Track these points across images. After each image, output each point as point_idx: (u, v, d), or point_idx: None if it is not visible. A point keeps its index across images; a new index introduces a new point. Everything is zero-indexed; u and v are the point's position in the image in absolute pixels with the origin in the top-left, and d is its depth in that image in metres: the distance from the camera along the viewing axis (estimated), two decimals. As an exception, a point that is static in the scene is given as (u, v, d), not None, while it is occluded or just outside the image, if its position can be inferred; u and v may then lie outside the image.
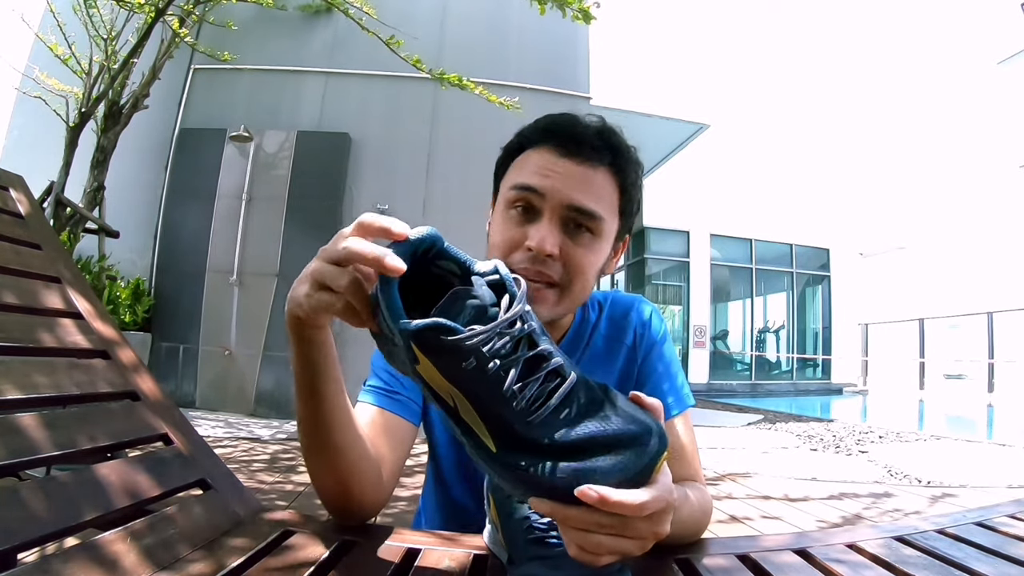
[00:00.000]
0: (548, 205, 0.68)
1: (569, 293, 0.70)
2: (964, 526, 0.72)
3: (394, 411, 0.74)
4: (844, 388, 13.44)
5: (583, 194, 0.69)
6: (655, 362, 0.83)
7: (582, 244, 0.70)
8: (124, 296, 5.26)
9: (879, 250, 16.08)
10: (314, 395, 0.55)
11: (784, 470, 3.68)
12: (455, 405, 0.42)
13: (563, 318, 0.77)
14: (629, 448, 0.39)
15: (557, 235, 0.68)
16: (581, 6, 3.59)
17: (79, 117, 4.50)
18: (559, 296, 0.70)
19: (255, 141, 5.81)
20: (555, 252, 0.67)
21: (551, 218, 0.68)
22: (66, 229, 4.34)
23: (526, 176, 0.70)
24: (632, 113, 9.15)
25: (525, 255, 0.68)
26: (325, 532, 0.62)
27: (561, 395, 0.40)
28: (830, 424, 6.49)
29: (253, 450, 3.59)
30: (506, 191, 0.73)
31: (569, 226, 0.69)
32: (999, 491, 3.24)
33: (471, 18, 6.45)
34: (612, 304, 0.87)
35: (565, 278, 0.69)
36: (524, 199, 0.70)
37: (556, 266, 0.68)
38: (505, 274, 0.44)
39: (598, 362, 0.83)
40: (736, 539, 0.67)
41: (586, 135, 0.71)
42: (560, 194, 0.68)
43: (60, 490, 0.55)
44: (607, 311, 0.86)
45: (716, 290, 12.54)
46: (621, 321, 0.85)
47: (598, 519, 0.38)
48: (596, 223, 0.70)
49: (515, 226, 0.70)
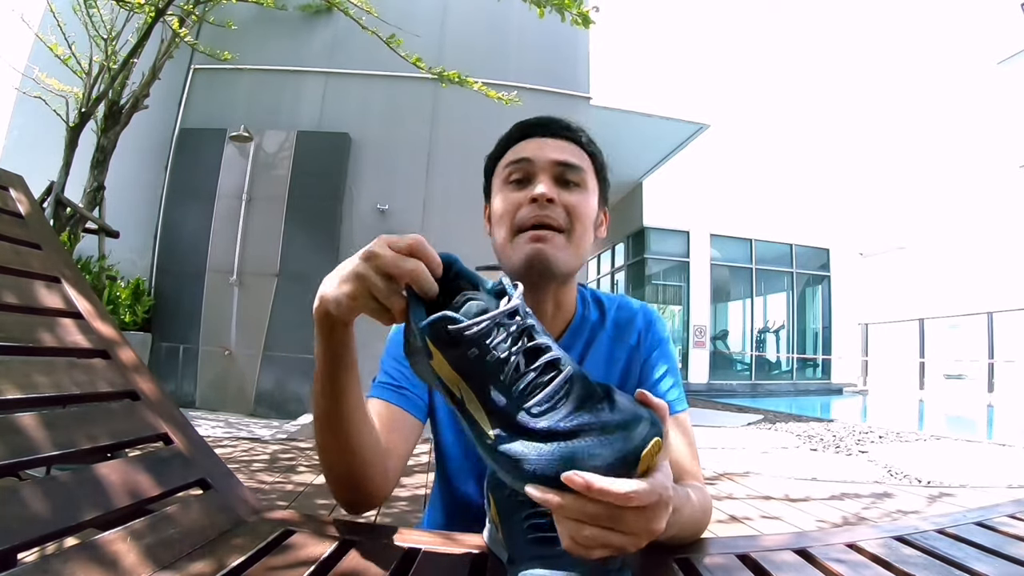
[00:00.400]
0: (539, 167, 0.80)
1: (573, 236, 0.79)
2: (964, 526, 0.72)
3: (401, 406, 0.78)
4: (844, 388, 13.43)
5: (564, 153, 0.81)
6: (657, 361, 0.86)
7: (575, 192, 0.80)
8: (124, 296, 5.26)
9: (879, 250, 16.08)
10: (335, 386, 0.59)
11: (784, 470, 3.68)
12: (462, 397, 0.45)
13: (568, 287, 0.85)
14: (617, 432, 0.40)
15: (552, 186, 0.79)
16: (580, 10, 3.58)
17: (79, 117, 4.50)
18: (567, 240, 0.78)
19: (255, 141, 5.81)
20: (554, 196, 0.77)
21: (545, 176, 0.79)
22: (66, 229, 4.34)
23: (513, 155, 0.82)
24: (632, 113, 9.16)
25: (530, 207, 0.77)
26: (325, 532, 0.62)
27: (557, 385, 0.42)
28: (830, 424, 6.48)
29: (253, 450, 3.59)
30: (500, 170, 0.84)
31: (560, 181, 0.80)
32: (999, 491, 3.24)
33: (471, 18, 6.45)
34: (619, 308, 0.91)
35: (568, 222, 0.78)
36: (518, 170, 0.81)
37: (558, 211, 0.78)
38: (505, 281, 0.49)
39: (602, 362, 0.86)
40: (736, 539, 0.67)
41: (556, 122, 0.84)
42: (546, 156, 0.80)
43: (60, 490, 0.55)
44: (613, 314, 0.89)
45: (716, 290, 12.54)
46: (627, 325, 0.89)
47: (589, 509, 0.39)
48: (581, 175, 0.81)
49: (516, 193, 0.80)
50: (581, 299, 0.90)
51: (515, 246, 0.78)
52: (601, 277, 15.07)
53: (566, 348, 0.82)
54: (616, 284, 14.06)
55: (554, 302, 0.83)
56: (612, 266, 14.29)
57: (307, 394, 5.52)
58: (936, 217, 15.96)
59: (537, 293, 0.81)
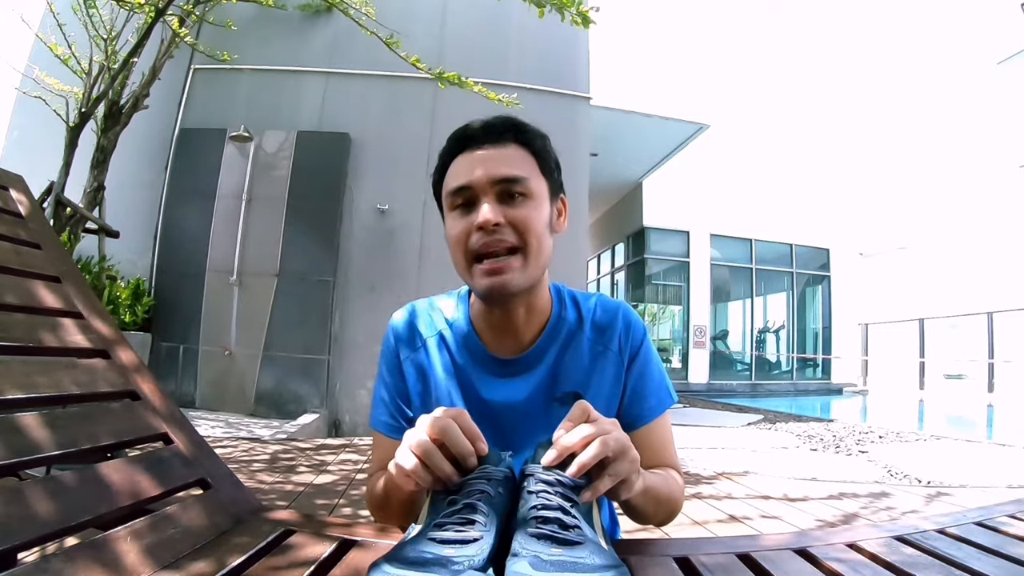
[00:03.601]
0: (480, 190, 0.77)
1: (528, 252, 0.77)
2: (964, 526, 0.72)
3: None
4: (844, 388, 13.43)
5: (501, 166, 0.77)
6: (641, 367, 0.87)
7: (520, 206, 0.77)
8: (124, 296, 5.26)
9: (879, 250, 16.07)
10: (408, 503, 0.71)
11: (784, 470, 3.68)
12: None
13: (538, 292, 0.83)
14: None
15: (496, 208, 0.76)
16: (580, 10, 3.56)
17: (79, 117, 4.50)
18: (523, 259, 0.77)
19: (255, 141, 5.81)
20: (500, 220, 0.75)
21: (488, 198, 0.77)
22: (66, 229, 4.33)
23: (454, 180, 0.79)
24: (632, 113, 9.16)
25: (478, 235, 0.76)
26: (325, 532, 0.62)
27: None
28: (830, 424, 6.48)
29: (253, 450, 3.59)
30: (445, 200, 0.82)
31: (504, 197, 0.77)
32: (999, 491, 3.24)
33: (471, 18, 6.45)
34: (597, 310, 0.90)
35: (519, 239, 0.76)
36: (461, 196, 0.78)
37: (508, 231, 0.76)
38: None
39: (585, 370, 0.85)
40: (736, 538, 0.67)
41: (484, 127, 0.81)
42: (484, 176, 0.77)
43: (60, 490, 0.55)
44: (591, 317, 0.88)
45: (716, 290, 12.54)
46: (607, 329, 0.88)
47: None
48: (523, 184, 0.78)
49: (462, 219, 0.78)
50: (557, 298, 0.89)
51: (473, 276, 0.78)
52: (601, 277, 15.07)
53: (542, 350, 0.85)
54: (616, 284, 14.06)
55: (525, 307, 0.83)
56: (612, 266, 14.30)
57: (306, 393, 5.52)
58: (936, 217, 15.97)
59: (505, 307, 0.81)
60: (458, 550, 0.46)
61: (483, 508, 0.52)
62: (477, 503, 0.52)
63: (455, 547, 0.47)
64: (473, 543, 0.48)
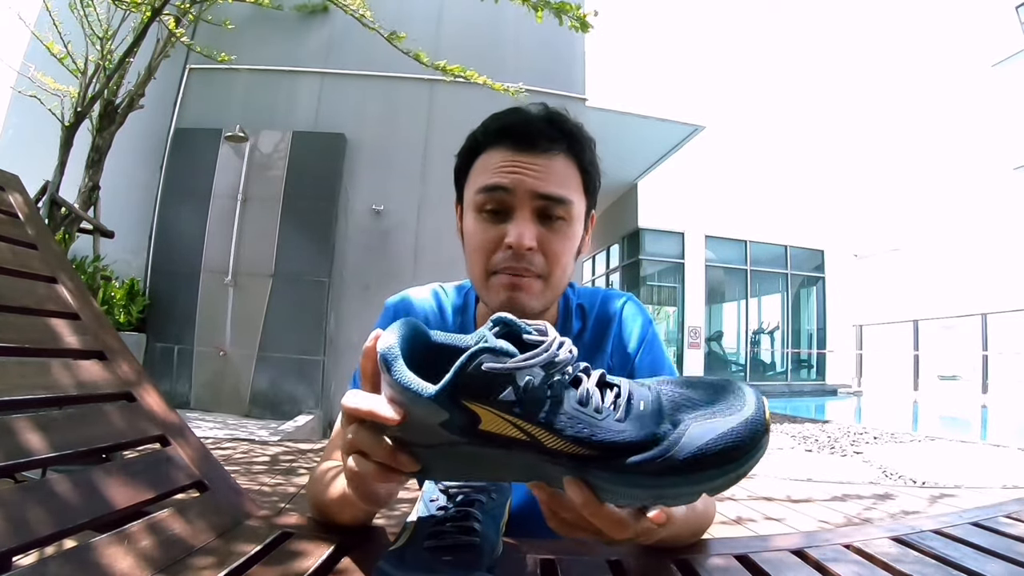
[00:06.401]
0: (518, 200, 0.69)
1: (551, 281, 0.73)
2: (961, 526, 0.72)
3: None
4: (839, 389, 13.47)
5: (548, 182, 0.70)
6: (646, 362, 0.83)
7: (557, 231, 0.71)
8: (119, 296, 5.23)
9: (873, 252, 16.15)
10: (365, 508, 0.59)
11: (779, 471, 3.69)
12: (533, 439, 0.39)
13: (548, 310, 0.79)
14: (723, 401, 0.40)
15: (533, 228, 0.69)
16: (578, 14, 3.57)
17: (74, 116, 4.48)
18: (545, 284, 0.72)
19: (250, 141, 5.79)
20: (534, 245, 0.69)
21: (524, 212, 0.70)
22: (61, 229, 4.31)
23: (490, 177, 0.71)
24: (627, 114, 9.17)
25: (506, 253, 0.69)
26: (324, 535, 0.62)
27: (626, 398, 0.40)
28: (825, 425, 6.50)
29: (252, 451, 3.57)
30: (473, 195, 0.73)
31: (541, 216, 0.71)
32: (994, 491, 3.26)
33: (467, 19, 6.45)
34: (599, 311, 0.86)
35: (546, 269, 0.71)
36: (494, 200, 0.71)
37: (538, 258, 0.70)
38: (513, 321, 0.42)
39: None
40: (735, 539, 0.67)
41: (538, 127, 0.71)
42: (527, 186, 0.69)
43: (56, 492, 0.54)
44: (592, 321, 0.86)
45: (711, 291, 12.57)
46: (604, 332, 0.85)
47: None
48: (566, 208, 0.71)
49: (491, 227, 0.71)
50: (564, 309, 0.85)
51: (490, 288, 0.72)
52: (596, 278, 15.09)
53: None
54: (611, 286, 14.07)
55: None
56: (607, 267, 14.32)
57: (302, 394, 5.51)
58: (931, 219, 16.06)
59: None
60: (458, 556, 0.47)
61: (478, 516, 0.53)
62: (472, 511, 0.53)
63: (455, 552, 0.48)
64: (471, 549, 0.48)
